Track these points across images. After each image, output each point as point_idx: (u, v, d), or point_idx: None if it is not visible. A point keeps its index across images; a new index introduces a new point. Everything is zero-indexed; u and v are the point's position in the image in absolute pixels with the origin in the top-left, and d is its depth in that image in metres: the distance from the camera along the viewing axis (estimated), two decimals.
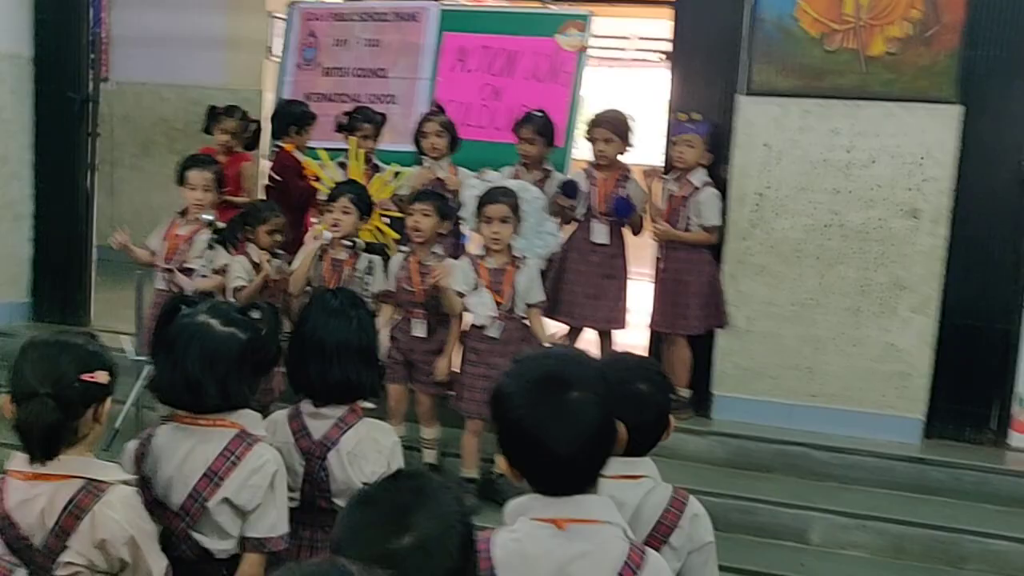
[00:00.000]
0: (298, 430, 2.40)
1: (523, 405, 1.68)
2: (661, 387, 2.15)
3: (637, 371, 2.11)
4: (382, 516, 1.32)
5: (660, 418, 2.11)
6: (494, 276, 4.18)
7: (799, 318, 4.72)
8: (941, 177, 4.51)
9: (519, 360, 1.80)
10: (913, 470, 4.48)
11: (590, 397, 1.68)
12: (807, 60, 4.62)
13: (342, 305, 2.42)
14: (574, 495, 1.69)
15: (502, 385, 1.74)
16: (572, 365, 1.73)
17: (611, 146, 4.77)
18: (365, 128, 5.19)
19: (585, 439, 1.66)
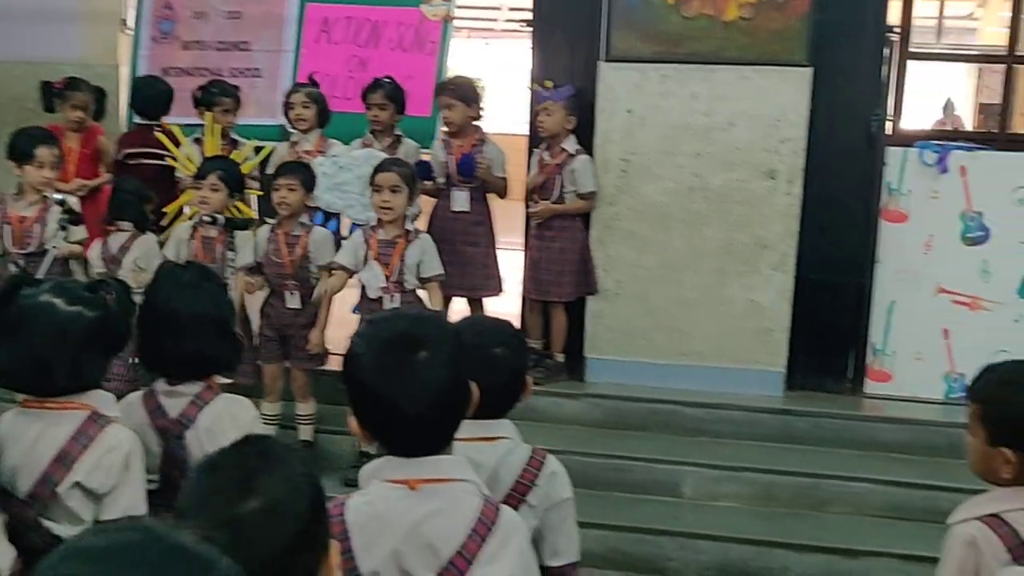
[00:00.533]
0: (153, 410, 2.33)
1: (372, 365, 1.68)
2: (516, 349, 2.16)
3: (492, 334, 2.12)
4: (227, 481, 1.30)
5: (515, 380, 2.12)
6: (384, 248, 4.13)
7: (667, 280, 4.83)
8: (795, 138, 4.66)
9: (370, 321, 1.80)
10: (778, 421, 4.65)
11: (440, 357, 1.68)
12: (665, 26, 4.71)
13: (194, 278, 2.35)
14: (427, 456, 1.70)
15: (352, 345, 1.73)
16: (424, 326, 1.74)
17: (455, 111, 4.77)
18: (225, 102, 5.05)
19: (434, 398, 1.67)
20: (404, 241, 4.14)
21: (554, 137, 4.76)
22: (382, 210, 4.08)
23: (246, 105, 5.89)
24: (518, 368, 2.14)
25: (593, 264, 4.85)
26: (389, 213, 4.08)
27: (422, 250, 4.17)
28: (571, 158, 4.75)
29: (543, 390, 4.78)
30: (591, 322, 4.91)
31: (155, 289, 2.36)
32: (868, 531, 4.13)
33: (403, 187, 4.08)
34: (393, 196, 4.06)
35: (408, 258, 4.13)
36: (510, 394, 2.12)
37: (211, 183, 4.19)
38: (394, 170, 4.11)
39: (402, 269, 4.12)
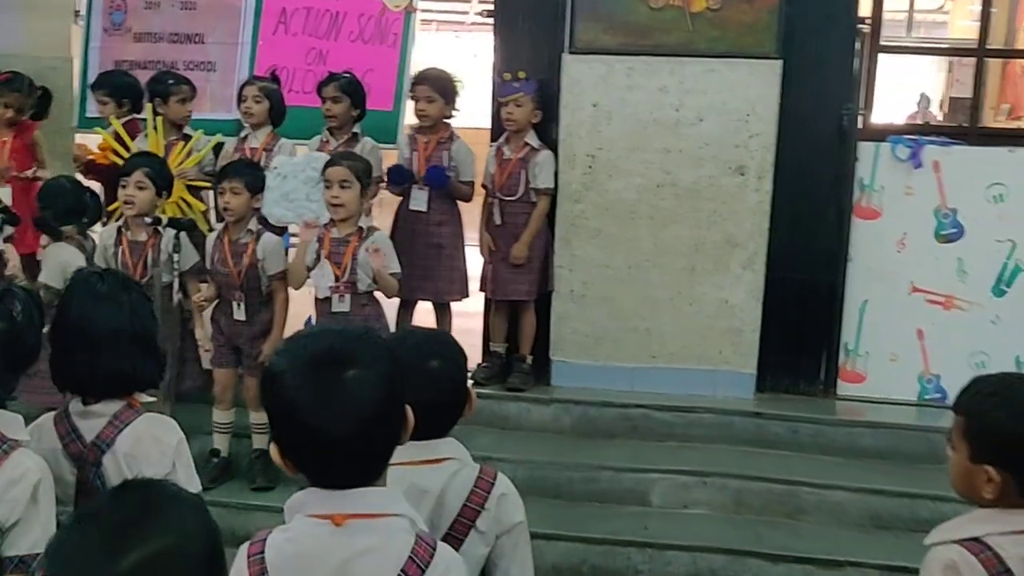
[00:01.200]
0: (66, 433, 2.14)
1: (293, 385, 1.50)
2: (455, 361, 1.99)
3: (428, 346, 1.95)
4: (101, 536, 1.12)
5: (456, 394, 1.96)
6: (336, 246, 3.95)
7: (635, 280, 4.68)
8: (765, 132, 4.52)
9: (293, 337, 1.62)
10: (751, 425, 4.51)
11: (369, 376, 1.50)
12: (632, 17, 4.55)
13: (111, 289, 2.15)
14: (354, 487, 1.52)
15: (273, 363, 1.55)
16: (352, 342, 1.55)
17: (433, 106, 4.58)
18: (182, 91, 4.81)
19: (362, 422, 1.49)
20: (357, 239, 3.95)
21: (519, 131, 4.58)
22: (332, 207, 3.89)
23: (201, 100, 5.69)
24: (459, 381, 1.98)
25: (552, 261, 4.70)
26: (340, 211, 3.89)
27: (379, 243, 3.98)
28: (534, 152, 4.57)
29: (507, 396, 4.63)
30: (556, 324, 4.75)
31: (67, 300, 2.16)
32: (845, 540, 3.99)
33: (354, 182, 3.88)
34: (343, 192, 3.87)
35: (361, 256, 3.94)
36: (452, 410, 1.95)
37: (136, 180, 3.93)
38: (344, 164, 3.91)
39: (354, 268, 3.93)
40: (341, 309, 3.94)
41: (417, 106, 4.63)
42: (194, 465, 2.22)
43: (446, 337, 2.05)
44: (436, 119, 4.62)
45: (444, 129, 4.67)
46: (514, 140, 4.60)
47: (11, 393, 1.94)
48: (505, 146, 4.62)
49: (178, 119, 4.80)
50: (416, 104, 4.63)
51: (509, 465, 4.27)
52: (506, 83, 4.57)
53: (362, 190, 3.91)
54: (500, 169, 4.60)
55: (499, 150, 4.63)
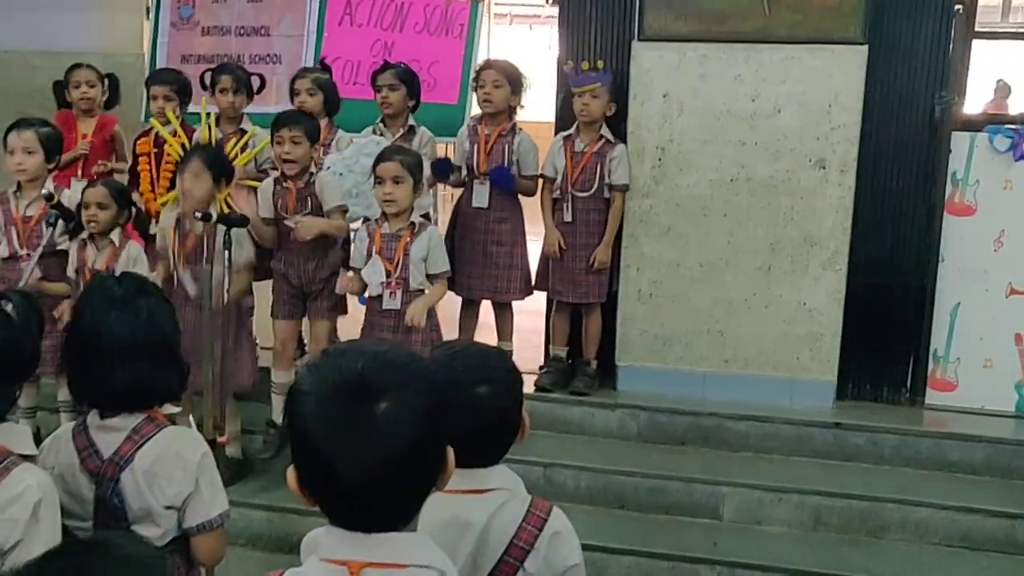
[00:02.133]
0: (84, 447, 2.01)
1: (316, 413, 1.31)
2: (506, 386, 1.77)
3: (476, 371, 1.74)
4: None
5: (505, 422, 1.76)
6: (387, 242, 3.81)
7: (708, 280, 4.43)
8: (849, 124, 4.23)
9: (326, 353, 1.43)
10: (830, 436, 4.24)
11: (403, 412, 1.30)
12: (706, 2, 4.30)
13: (127, 294, 2.01)
14: (379, 532, 1.33)
15: (299, 381, 1.37)
16: (388, 369, 1.34)
17: (500, 91, 4.38)
18: (223, 80, 4.67)
19: (389, 465, 1.29)
20: (409, 234, 3.81)
21: (591, 123, 4.37)
22: (385, 203, 3.75)
23: (267, 93, 5.60)
24: (509, 408, 1.77)
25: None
26: (392, 206, 3.75)
27: (427, 245, 3.83)
28: (610, 146, 4.36)
29: (574, 400, 4.44)
30: (623, 326, 4.53)
31: (82, 305, 2.03)
32: (932, 562, 3.72)
33: (406, 177, 3.73)
34: (396, 188, 3.72)
35: (413, 252, 3.79)
36: (501, 438, 1.76)
37: (193, 170, 3.83)
38: (396, 159, 3.76)
39: (406, 264, 3.79)
40: (391, 306, 3.80)
41: (483, 91, 4.43)
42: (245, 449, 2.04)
43: (499, 359, 1.83)
44: (501, 106, 4.42)
45: (507, 121, 4.48)
46: (586, 132, 4.39)
47: (12, 404, 1.81)
48: (577, 138, 4.41)
49: (227, 111, 4.66)
50: (482, 90, 4.44)
51: (571, 472, 4.13)
52: (582, 73, 4.36)
53: (414, 185, 3.76)
54: (572, 163, 4.38)
55: (569, 142, 4.42)
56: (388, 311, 3.81)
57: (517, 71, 4.48)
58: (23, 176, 4.05)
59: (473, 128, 4.53)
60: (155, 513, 1.99)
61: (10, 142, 4.05)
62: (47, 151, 4.09)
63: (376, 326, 3.86)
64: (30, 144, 4.03)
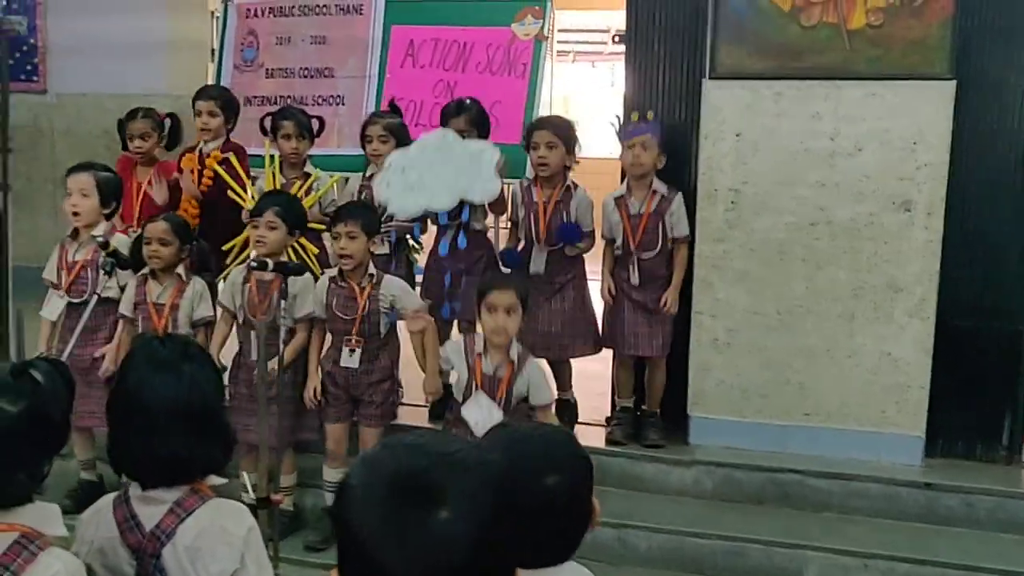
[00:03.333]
0: (124, 520, 1.87)
1: (365, 511, 1.15)
2: (576, 473, 1.59)
3: (543, 460, 1.56)
4: None
5: (577, 515, 1.58)
6: (487, 382, 3.58)
7: (786, 328, 4.20)
8: (935, 163, 3.99)
9: (385, 446, 1.25)
10: (920, 497, 3.97)
11: (467, 524, 1.13)
12: (781, 38, 4.10)
13: (171, 355, 1.88)
14: None
15: (352, 474, 1.21)
16: (454, 470, 1.17)
17: (554, 152, 4.20)
18: (284, 126, 4.59)
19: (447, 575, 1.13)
20: (510, 369, 3.58)
21: (643, 176, 4.19)
22: (495, 333, 3.51)
23: (330, 135, 5.55)
24: (581, 498, 1.59)
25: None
26: (499, 337, 3.52)
27: (529, 380, 3.61)
28: (667, 201, 4.17)
29: (645, 455, 4.24)
30: (696, 376, 4.31)
31: (126, 366, 1.90)
32: None
33: (519, 308, 3.52)
34: (508, 320, 3.49)
35: (516, 391, 3.58)
36: (571, 533, 1.58)
37: (268, 220, 3.80)
38: (511, 287, 3.55)
39: (509, 402, 3.57)
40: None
41: (537, 154, 4.23)
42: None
43: (567, 443, 1.65)
44: (557, 169, 4.24)
45: (561, 182, 4.28)
46: (638, 188, 4.20)
47: (42, 481, 1.68)
48: (630, 198, 4.21)
49: (290, 157, 4.59)
50: (535, 152, 4.24)
51: (643, 532, 3.92)
52: (632, 124, 4.19)
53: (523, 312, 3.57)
54: (630, 225, 4.18)
55: (623, 203, 4.21)
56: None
57: (571, 128, 4.32)
58: (78, 220, 4.02)
59: (527, 191, 4.33)
60: None
61: (69, 184, 4.04)
62: (103, 196, 4.07)
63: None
64: (86, 188, 4.02)
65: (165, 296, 3.94)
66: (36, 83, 7.57)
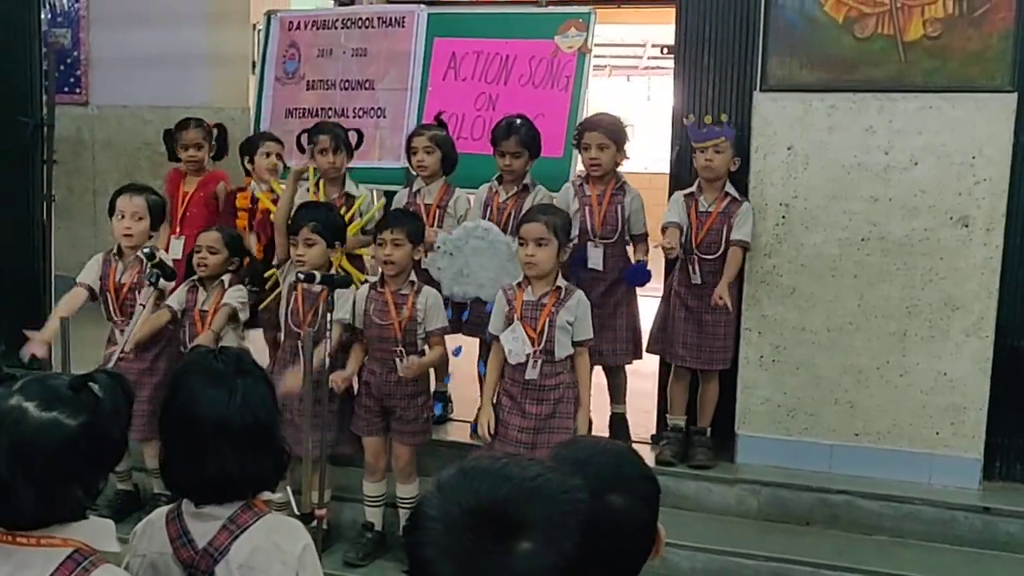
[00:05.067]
0: (177, 536, 1.83)
1: (443, 545, 1.09)
2: (645, 495, 1.51)
3: (610, 479, 1.47)
4: None
5: (643, 537, 1.50)
6: (529, 309, 3.60)
7: (837, 346, 4.11)
8: (995, 178, 3.89)
9: (462, 472, 1.19)
10: (977, 521, 3.86)
11: (549, 555, 1.08)
12: (834, 49, 4.03)
13: (225, 369, 1.84)
14: None
15: (425, 503, 1.15)
16: (535, 499, 1.12)
17: (606, 153, 4.19)
18: (321, 140, 4.53)
19: None
20: (554, 300, 3.60)
21: (715, 179, 4.13)
22: (527, 265, 3.56)
23: (370, 148, 5.53)
24: (648, 521, 1.50)
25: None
26: (533, 268, 3.56)
27: (574, 310, 3.61)
28: (736, 204, 4.11)
29: (689, 473, 4.15)
30: (744, 393, 4.23)
31: (178, 382, 1.85)
32: None
33: (551, 239, 3.54)
34: (539, 250, 3.53)
35: (559, 320, 3.57)
36: (635, 557, 1.50)
37: (305, 237, 3.77)
38: (540, 220, 3.58)
39: (551, 334, 3.56)
40: (532, 377, 3.59)
41: (588, 155, 4.24)
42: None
43: (635, 464, 1.54)
44: (608, 168, 4.23)
45: (613, 179, 4.28)
46: (710, 190, 4.15)
47: (97, 497, 1.63)
48: (700, 197, 4.16)
49: (328, 172, 4.54)
50: (586, 153, 4.25)
51: (686, 552, 3.83)
52: (706, 127, 4.13)
53: (559, 247, 3.57)
54: (697, 223, 4.14)
55: (693, 201, 4.17)
56: (530, 382, 3.60)
57: (621, 127, 4.28)
58: (129, 241, 4.05)
59: (580, 187, 4.32)
60: None
61: (120, 205, 4.07)
62: (152, 218, 4.12)
63: (516, 397, 3.63)
64: (140, 211, 4.06)
65: (209, 303, 3.97)
66: (79, 95, 7.62)
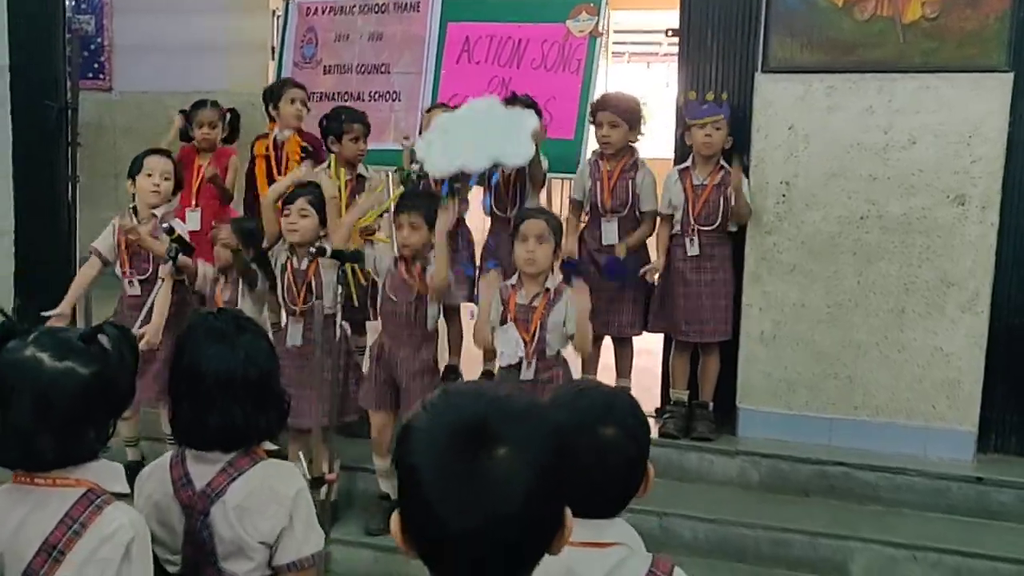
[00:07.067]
0: (179, 478, 1.96)
1: (428, 453, 1.20)
2: (633, 431, 1.64)
3: (602, 411, 1.62)
4: None
5: (631, 470, 1.62)
6: (522, 312, 3.62)
7: (835, 322, 4.20)
8: (991, 156, 3.96)
9: (445, 392, 1.31)
10: (971, 491, 3.94)
11: (519, 464, 1.17)
12: (834, 31, 4.10)
13: (226, 328, 1.96)
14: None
15: (414, 417, 1.27)
16: (510, 415, 1.22)
17: (617, 131, 4.30)
18: (355, 129, 4.67)
19: (498, 522, 1.16)
20: (545, 302, 3.61)
21: (711, 156, 4.22)
22: (527, 262, 3.58)
23: (384, 130, 5.65)
24: (635, 457, 1.63)
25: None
26: (533, 266, 3.57)
27: (566, 309, 3.62)
28: (728, 176, 4.20)
29: (692, 446, 4.26)
30: (744, 368, 4.32)
31: (183, 342, 1.99)
32: None
33: (549, 238, 3.58)
34: (539, 247, 3.56)
35: (551, 321, 3.60)
36: (623, 488, 1.62)
37: (300, 208, 3.81)
38: (542, 218, 3.63)
39: (543, 335, 3.60)
40: (527, 378, 3.62)
41: (600, 132, 4.36)
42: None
43: (627, 404, 1.68)
44: (620, 146, 4.34)
45: (628, 155, 4.39)
46: (704, 165, 4.24)
47: (107, 442, 1.76)
48: (695, 171, 4.26)
49: (355, 158, 4.69)
50: (599, 130, 4.37)
51: (688, 522, 3.94)
52: (707, 104, 4.22)
53: (555, 247, 3.63)
54: (694, 196, 4.23)
55: (687, 175, 4.27)
56: (524, 383, 3.62)
57: (635, 106, 4.38)
58: (156, 199, 4.11)
59: (595, 164, 4.44)
60: (247, 548, 1.93)
61: (150, 164, 4.14)
62: (177, 181, 4.24)
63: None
64: (168, 172, 4.16)
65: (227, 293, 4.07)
66: (103, 81, 7.79)
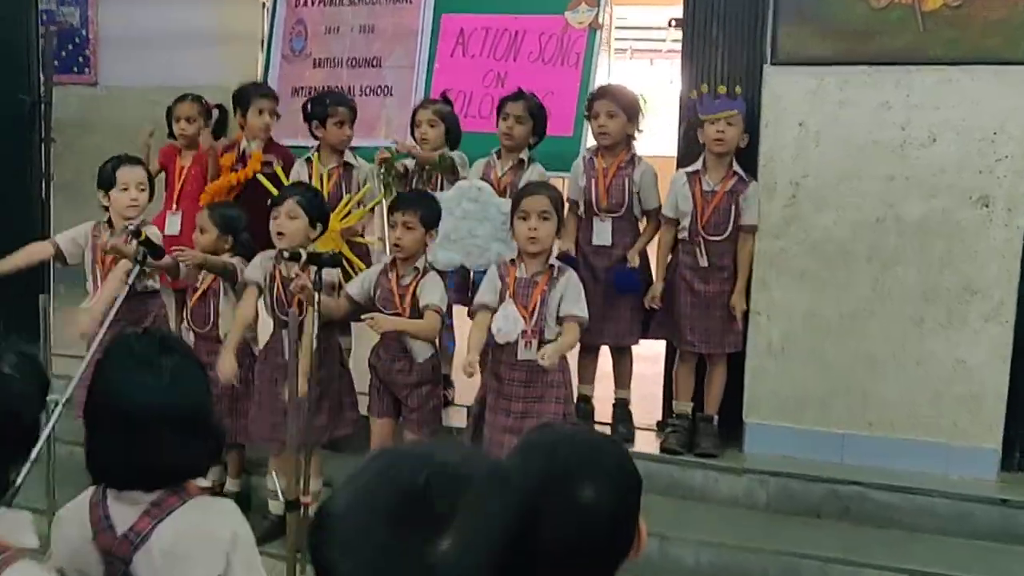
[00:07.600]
0: (99, 520, 1.70)
1: (351, 546, 0.94)
2: (619, 486, 1.35)
3: (582, 467, 1.32)
4: None
5: (616, 535, 1.34)
6: (522, 287, 3.48)
7: (849, 332, 3.94)
8: (1017, 155, 3.70)
9: (376, 457, 1.03)
10: (995, 514, 3.69)
11: (466, 555, 0.92)
12: (848, 20, 3.84)
13: (150, 352, 1.70)
14: None
15: (331, 501, 1.00)
16: (455, 484, 0.96)
17: (614, 121, 4.05)
18: (340, 112, 4.45)
19: None
20: (547, 279, 3.48)
21: (722, 156, 3.96)
22: (529, 240, 3.43)
23: (376, 125, 5.43)
24: (623, 516, 1.34)
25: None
26: (535, 244, 3.44)
27: (566, 289, 3.49)
28: (743, 184, 3.95)
29: (695, 462, 4.01)
30: (752, 381, 4.07)
31: (100, 367, 1.72)
32: None
33: (552, 214, 3.45)
34: (542, 224, 3.42)
35: (551, 300, 3.46)
36: (609, 556, 1.34)
37: (287, 210, 3.65)
38: (544, 194, 3.49)
39: (543, 312, 3.44)
40: (528, 357, 3.46)
41: (597, 122, 4.13)
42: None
43: (614, 453, 1.40)
44: (618, 138, 4.10)
45: (625, 151, 4.14)
46: (716, 168, 3.98)
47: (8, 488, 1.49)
48: (705, 175, 4.00)
49: (341, 144, 4.47)
50: (595, 121, 4.13)
51: (691, 545, 3.70)
52: (719, 98, 3.96)
53: (558, 223, 3.48)
54: (703, 203, 3.98)
55: (696, 180, 4.00)
56: (521, 363, 3.47)
57: (633, 97, 4.17)
58: (135, 212, 3.97)
59: (589, 161, 4.20)
60: None
61: (124, 177, 3.98)
62: (151, 190, 4.10)
63: (504, 379, 3.52)
64: (143, 182, 4.03)
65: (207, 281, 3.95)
66: (87, 75, 7.56)
